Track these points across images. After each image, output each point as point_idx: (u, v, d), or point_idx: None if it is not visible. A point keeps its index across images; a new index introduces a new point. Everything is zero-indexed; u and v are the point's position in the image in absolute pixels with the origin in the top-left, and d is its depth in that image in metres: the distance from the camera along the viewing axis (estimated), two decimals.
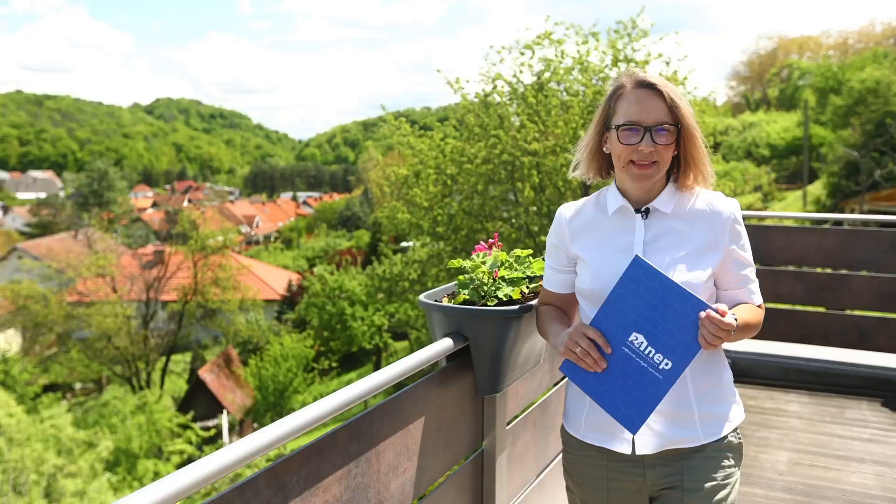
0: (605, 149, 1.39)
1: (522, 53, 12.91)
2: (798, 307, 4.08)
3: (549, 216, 12.19)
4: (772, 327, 3.90)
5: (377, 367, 24.68)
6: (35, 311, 21.68)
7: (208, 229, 24.99)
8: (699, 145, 1.34)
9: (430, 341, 1.45)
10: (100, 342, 21.96)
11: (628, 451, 1.37)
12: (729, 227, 1.36)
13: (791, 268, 4.11)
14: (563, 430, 1.52)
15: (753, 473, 2.80)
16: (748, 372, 3.96)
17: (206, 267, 23.98)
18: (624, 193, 1.39)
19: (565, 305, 1.52)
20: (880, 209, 18.97)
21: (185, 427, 19.11)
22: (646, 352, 1.26)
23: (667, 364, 1.24)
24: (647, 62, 12.60)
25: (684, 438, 1.35)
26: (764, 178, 25.73)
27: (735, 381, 1.46)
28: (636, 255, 1.27)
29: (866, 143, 21.47)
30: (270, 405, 20.54)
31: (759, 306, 1.43)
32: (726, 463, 1.38)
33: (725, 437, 1.38)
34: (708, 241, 1.36)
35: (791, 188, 27.46)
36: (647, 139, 1.29)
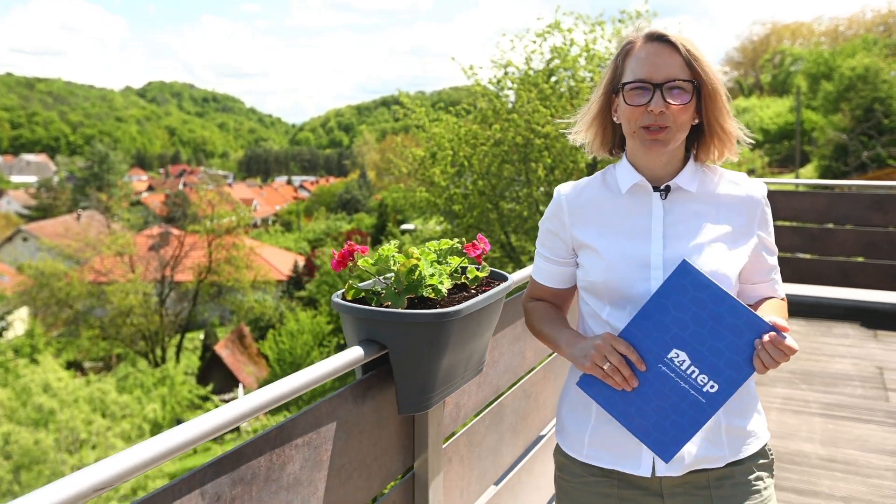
0: (614, 118, 1.19)
1: (534, 42, 13.68)
2: (797, 255, 5.08)
3: None
4: None
5: None
6: (57, 289, 22.44)
7: (222, 209, 25.82)
8: (723, 106, 1.15)
9: None
10: (119, 318, 22.79)
11: (647, 474, 1.17)
12: (760, 210, 1.19)
13: (790, 223, 5.10)
14: (557, 451, 1.30)
15: None
16: None
17: (221, 247, 24.84)
18: (637, 169, 1.19)
19: (559, 301, 1.33)
20: None
21: (204, 399, 20.07)
22: (688, 371, 1.11)
23: (712, 386, 1.10)
24: None
25: (710, 458, 1.17)
26: (757, 162, 26.77)
27: None
28: (684, 261, 1.10)
29: (855, 127, 22.56)
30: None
31: (781, 299, 1.26)
32: (760, 485, 1.19)
33: (754, 455, 1.20)
34: (738, 227, 1.18)
35: (784, 171, 28.53)
36: (657, 98, 1.10)
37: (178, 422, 18.54)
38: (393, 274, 1.27)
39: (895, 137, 22.33)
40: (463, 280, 1.40)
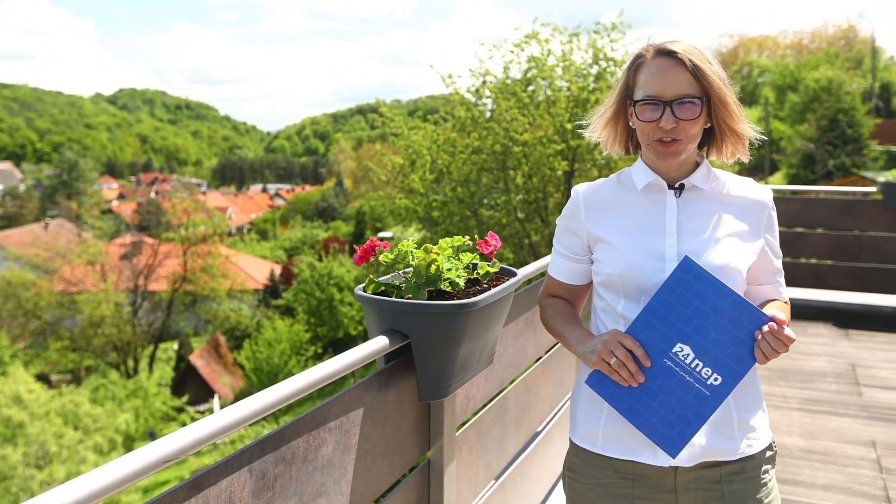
0: (630, 123, 1.26)
1: (512, 52, 13.88)
2: None
3: (536, 203, 13.20)
4: None
5: None
6: (24, 299, 21.80)
7: (197, 217, 25.47)
8: (732, 111, 1.20)
9: None
10: (90, 329, 22.22)
11: (663, 463, 1.20)
12: (767, 214, 1.26)
13: None
14: (570, 452, 1.34)
15: None
16: None
17: (196, 255, 24.46)
18: (653, 170, 1.26)
19: (573, 298, 1.39)
20: None
21: (179, 410, 19.66)
22: (692, 365, 1.14)
23: (716, 379, 1.13)
24: (623, 62, 13.70)
25: (722, 450, 1.21)
26: (728, 170, 27.42)
27: None
28: (686, 257, 1.14)
29: (821, 136, 23.36)
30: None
31: (785, 303, 1.31)
32: (766, 478, 1.25)
33: (764, 450, 1.25)
34: (748, 227, 1.24)
35: (754, 179, 29.28)
36: (667, 115, 1.16)
37: (152, 434, 18.13)
38: (412, 268, 1.33)
39: (859, 147, 23.20)
40: (475, 275, 1.47)
